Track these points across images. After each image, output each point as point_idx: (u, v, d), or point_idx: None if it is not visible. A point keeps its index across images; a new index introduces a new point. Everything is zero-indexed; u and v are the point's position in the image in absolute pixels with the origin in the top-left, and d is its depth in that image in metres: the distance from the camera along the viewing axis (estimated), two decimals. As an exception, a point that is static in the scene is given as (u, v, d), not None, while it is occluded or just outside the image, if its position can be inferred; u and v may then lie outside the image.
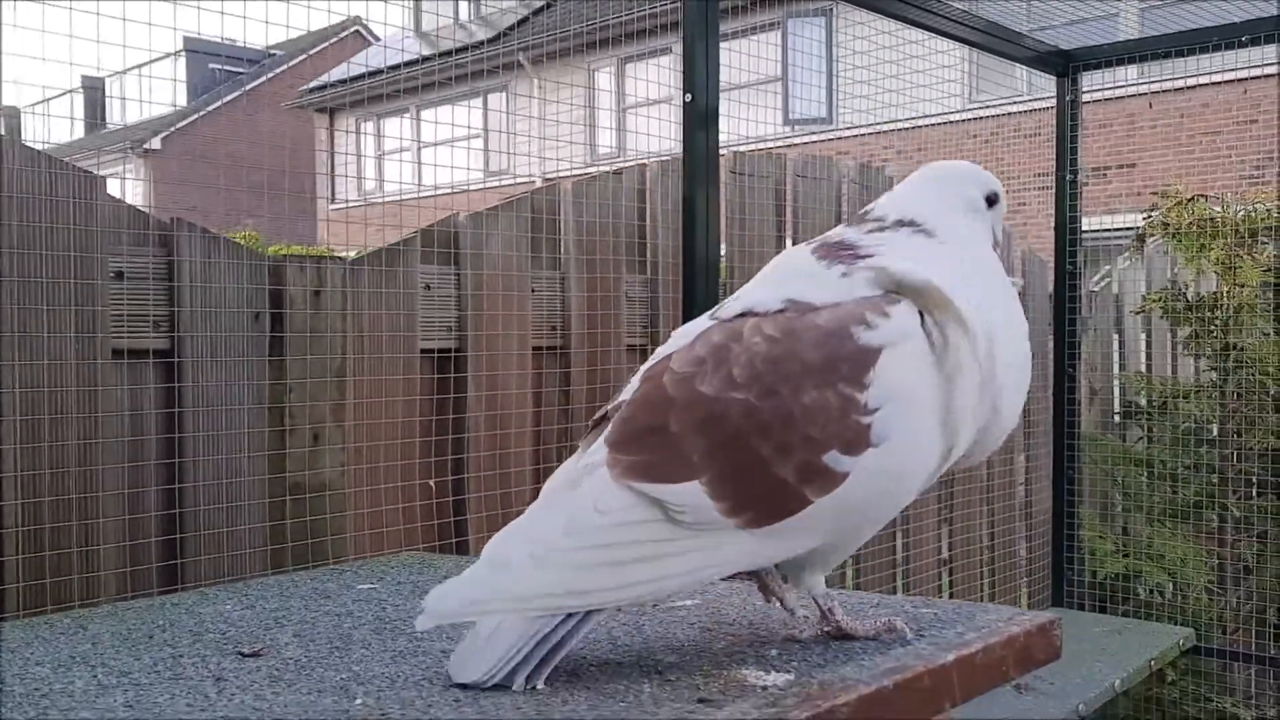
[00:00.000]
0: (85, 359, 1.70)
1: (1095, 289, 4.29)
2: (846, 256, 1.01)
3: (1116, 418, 4.16)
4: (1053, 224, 3.65)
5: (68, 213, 1.69)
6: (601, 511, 0.91)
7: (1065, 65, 3.57)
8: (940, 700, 0.94)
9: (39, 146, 1.70)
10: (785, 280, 1.02)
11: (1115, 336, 4.27)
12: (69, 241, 1.69)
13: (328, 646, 1.09)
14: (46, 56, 1.97)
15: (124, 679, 0.99)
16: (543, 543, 0.91)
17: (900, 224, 1.05)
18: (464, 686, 0.91)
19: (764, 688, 0.88)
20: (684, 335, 1.02)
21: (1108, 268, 4.46)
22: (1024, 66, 3.91)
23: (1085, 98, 3.65)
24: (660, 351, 1.02)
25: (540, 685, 0.89)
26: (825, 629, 1.05)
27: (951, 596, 3.47)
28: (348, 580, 1.45)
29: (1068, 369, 3.61)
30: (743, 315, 0.99)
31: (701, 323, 1.03)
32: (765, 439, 0.91)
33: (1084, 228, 3.65)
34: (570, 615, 0.90)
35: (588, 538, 0.90)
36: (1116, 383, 4.21)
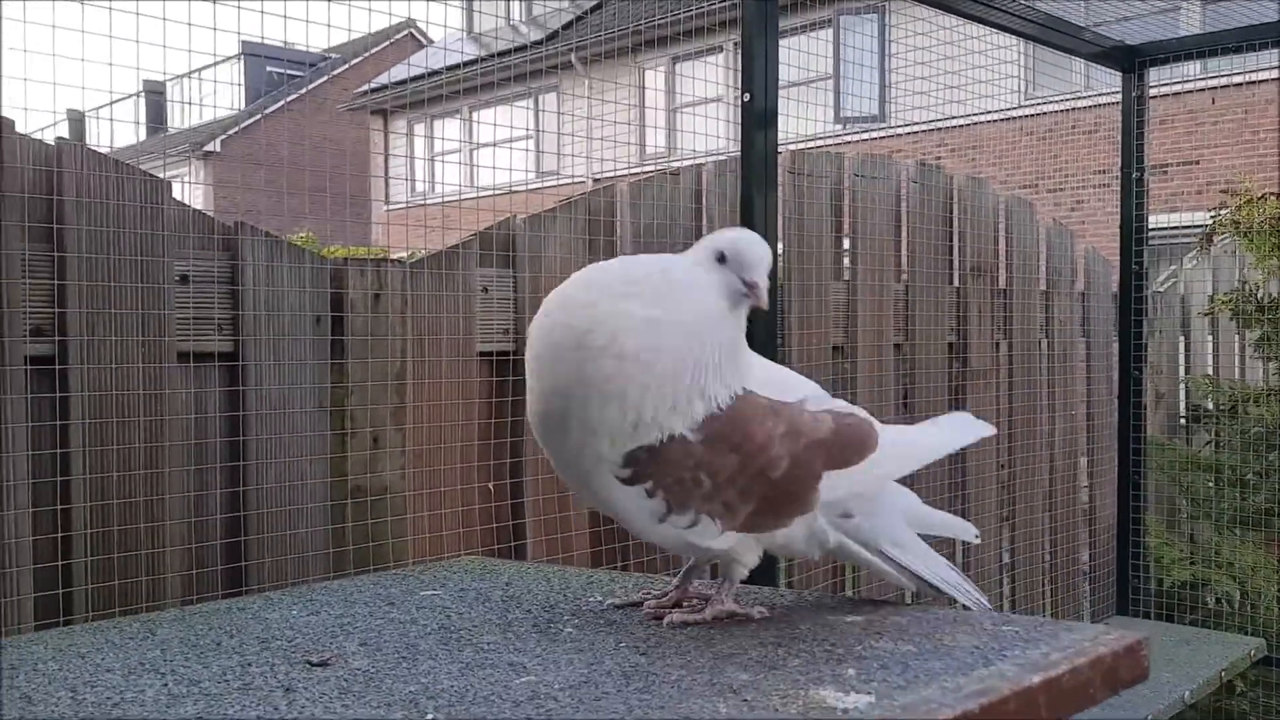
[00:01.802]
0: (151, 362, 1.72)
1: (1160, 289, 4.19)
2: None
3: (1183, 422, 4.06)
4: (1114, 222, 3.58)
5: (134, 217, 1.71)
6: None
7: (1131, 61, 3.49)
8: (1026, 723, 0.91)
9: (103, 150, 1.72)
10: None
11: (1181, 338, 4.17)
12: (135, 245, 1.71)
13: (395, 657, 1.08)
14: (110, 61, 1.98)
15: (194, 688, 0.99)
16: None
17: None
18: None
19: (845, 710, 0.85)
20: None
21: (1173, 268, 4.35)
22: (1083, 62, 3.83)
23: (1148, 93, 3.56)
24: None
25: None
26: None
27: (1013, 604, 3.41)
28: (410, 586, 1.44)
29: (1133, 372, 3.53)
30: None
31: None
32: None
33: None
34: None
35: None
36: (1183, 386, 4.11)
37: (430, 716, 0.89)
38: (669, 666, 1.00)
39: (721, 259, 1.14)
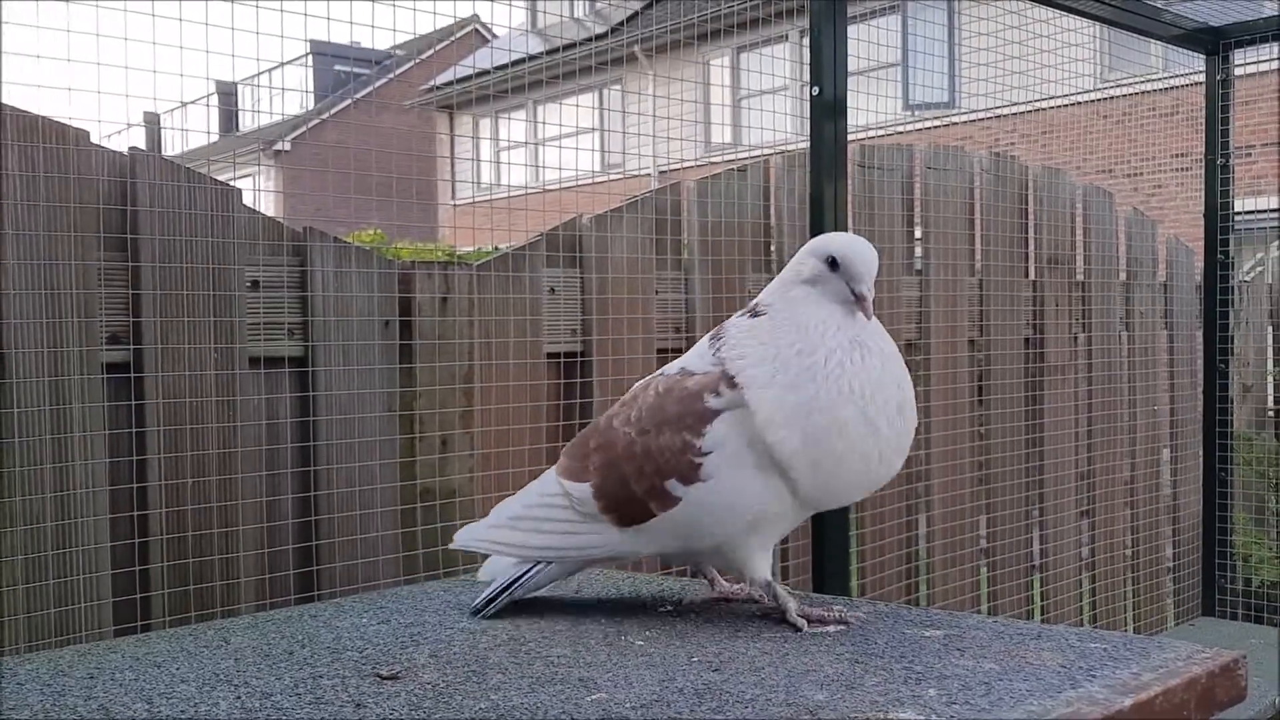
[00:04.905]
0: (224, 368, 1.73)
1: (1246, 278, 4.05)
2: (718, 340, 1.30)
3: (1271, 415, 3.92)
4: (1196, 207, 3.46)
5: (206, 225, 1.72)
6: (541, 494, 1.35)
7: (1215, 43, 3.37)
8: (1118, 750, 0.87)
9: (176, 157, 1.74)
10: (692, 352, 1.35)
11: (1269, 329, 4.02)
12: (207, 253, 1.72)
13: (465, 670, 1.07)
14: (182, 66, 2.00)
15: (266, 701, 0.99)
16: (516, 506, 1.37)
17: (754, 311, 1.30)
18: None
19: (926, 735, 0.82)
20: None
21: (1260, 255, 4.20)
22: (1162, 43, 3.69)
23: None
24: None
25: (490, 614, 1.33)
26: (769, 611, 1.26)
27: (1094, 603, 3.32)
28: (479, 593, 1.43)
29: (1219, 364, 3.41)
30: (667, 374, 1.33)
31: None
32: (630, 463, 1.26)
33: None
34: (528, 564, 1.33)
35: (530, 510, 1.34)
36: (1270, 378, 3.97)
37: (500, 737, 0.88)
38: (743, 685, 0.98)
39: (833, 264, 1.25)
